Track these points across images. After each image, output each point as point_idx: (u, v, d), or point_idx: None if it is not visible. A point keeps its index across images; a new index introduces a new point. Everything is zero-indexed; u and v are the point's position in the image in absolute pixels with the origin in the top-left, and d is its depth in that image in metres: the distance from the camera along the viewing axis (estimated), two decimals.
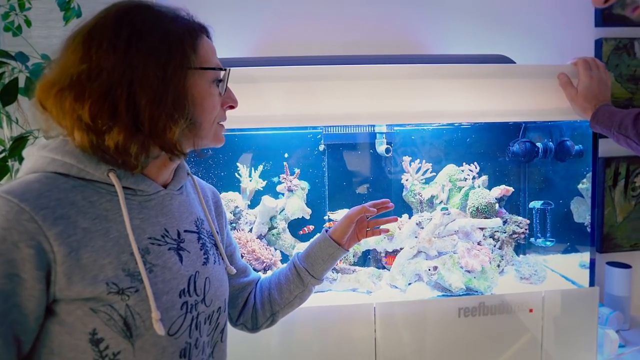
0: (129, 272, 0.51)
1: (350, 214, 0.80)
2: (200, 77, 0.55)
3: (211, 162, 1.38)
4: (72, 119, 0.50)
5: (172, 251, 0.57)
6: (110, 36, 0.50)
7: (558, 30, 1.43)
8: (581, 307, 1.11)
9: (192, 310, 0.57)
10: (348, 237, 0.80)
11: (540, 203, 1.24)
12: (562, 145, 1.20)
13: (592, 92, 0.95)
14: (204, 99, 0.56)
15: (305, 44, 1.41)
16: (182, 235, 0.59)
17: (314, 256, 0.78)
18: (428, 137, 1.36)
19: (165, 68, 0.51)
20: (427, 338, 1.09)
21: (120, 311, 0.49)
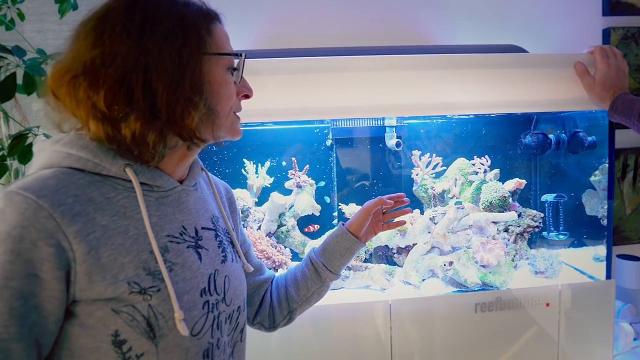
0: (150, 271, 0.49)
1: (367, 206, 0.78)
2: (216, 63, 0.54)
3: (215, 159, 1.35)
4: (87, 107, 0.48)
5: (191, 249, 0.55)
6: (123, 20, 0.49)
7: (565, 19, 1.42)
8: (597, 301, 1.11)
9: (213, 309, 0.55)
10: (365, 230, 0.78)
11: (553, 196, 1.23)
12: (575, 136, 1.19)
13: (610, 80, 0.94)
14: (220, 86, 0.54)
15: (311, 35, 1.37)
16: (200, 233, 0.58)
17: (331, 250, 0.76)
18: (438, 130, 1.34)
19: (181, 52, 0.49)
20: (445, 334, 1.08)
21: (143, 311, 0.48)
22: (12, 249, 0.42)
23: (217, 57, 0.53)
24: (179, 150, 0.55)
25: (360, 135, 1.33)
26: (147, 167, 0.52)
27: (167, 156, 0.54)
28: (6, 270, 0.42)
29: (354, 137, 1.33)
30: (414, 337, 1.07)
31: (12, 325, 0.42)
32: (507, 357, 1.09)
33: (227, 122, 0.56)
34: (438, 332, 1.08)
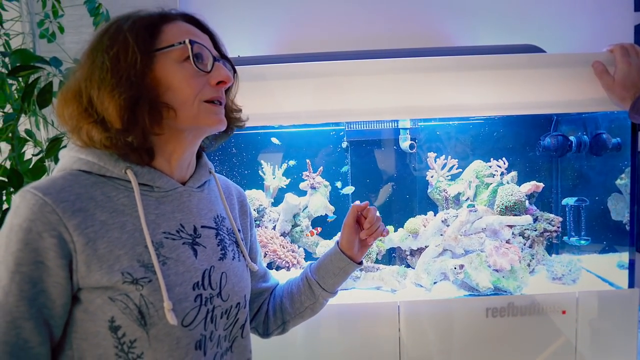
0: (143, 264, 0.52)
1: (346, 221, 0.74)
2: (163, 59, 0.54)
3: (235, 161, 1.38)
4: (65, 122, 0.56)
5: (187, 246, 0.57)
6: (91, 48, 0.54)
7: (593, 16, 1.33)
8: (619, 310, 1.04)
9: (207, 303, 0.57)
10: (356, 246, 0.73)
11: (574, 200, 1.17)
12: (597, 138, 1.12)
13: (631, 80, 0.88)
14: (172, 80, 0.54)
15: (328, 39, 1.38)
16: (199, 231, 0.60)
17: (324, 269, 0.74)
18: (454, 132, 1.31)
19: (116, 58, 0.52)
20: (454, 338, 1.05)
21: (135, 300, 0.51)
22: (22, 239, 0.48)
23: (163, 53, 0.54)
24: (165, 148, 0.57)
25: (375, 137, 1.32)
26: (146, 168, 0.56)
27: (158, 154, 0.57)
28: (17, 257, 0.48)
29: (368, 140, 1.32)
30: (423, 339, 1.05)
31: (22, 305, 0.48)
32: None
33: (192, 112, 0.56)
34: (447, 335, 1.05)
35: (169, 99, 0.54)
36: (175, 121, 0.55)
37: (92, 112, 0.53)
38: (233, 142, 1.38)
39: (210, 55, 0.57)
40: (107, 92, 0.51)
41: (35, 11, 1.27)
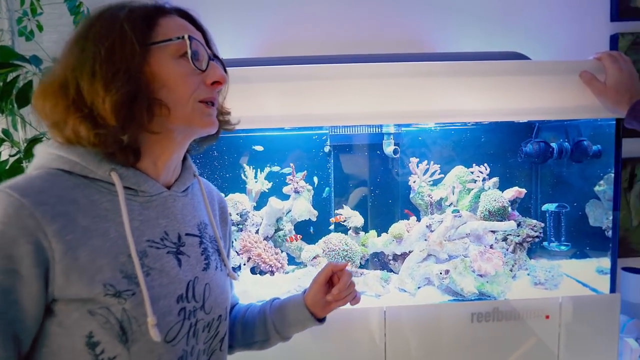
0: (127, 274, 0.48)
1: (316, 277, 0.69)
2: (159, 53, 0.50)
3: (216, 164, 1.34)
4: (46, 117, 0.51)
5: (171, 255, 0.53)
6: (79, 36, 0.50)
7: (571, 25, 1.35)
8: (601, 315, 1.03)
9: (190, 316, 0.53)
10: (321, 303, 0.68)
11: (555, 206, 1.16)
12: (579, 145, 1.12)
13: (624, 84, 0.88)
14: (168, 76, 0.50)
15: (312, 43, 1.35)
16: (183, 239, 0.56)
17: (284, 314, 0.69)
18: (436, 137, 1.29)
19: (112, 48, 0.48)
20: (439, 343, 1.02)
21: (117, 314, 0.47)
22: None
23: (160, 47, 0.50)
24: (152, 148, 0.53)
25: (358, 142, 1.29)
26: (132, 170, 0.51)
27: (145, 156, 0.52)
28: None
29: (352, 144, 1.30)
30: (409, 344, 1.02)
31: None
32: None
33: (186, 112, 0.52)
34: (433, 340, 1.02)
35: (163, 96, 0.50)
36: (167, 120, 0.51)
37: (80, 106, 0.48)
38: (214, 145, 1.33)
39: (205, 54, 0.54)
40: (102, 86, 0.47)
41: (15, 8, 1.21)
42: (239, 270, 1.18)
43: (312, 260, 1.13)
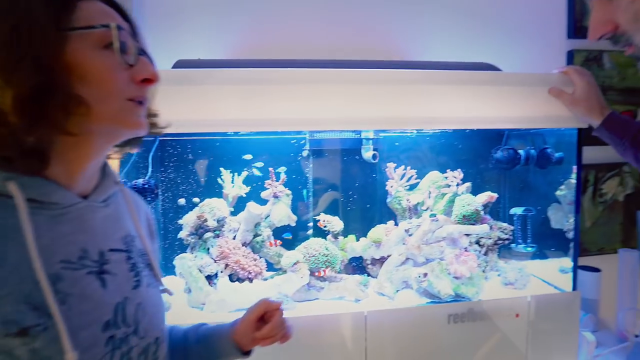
0: (35, 306, 0.39)
1: (247, 313, 0.66)
2: (79, 41, 0.43)
3: (191, 168, 1.29)
4: None
5: (92, 275, 0.46)
6: None
7: (533, 40, 1.45)
8: (564, 311, 1.11)
9: (121, 345, 0.47)
10: (249, 338, 0.65)
11: (522, 209, 1.24)
12: (543, 152, 1.20)
13: (594, 96, 0.94)
14: (90, 68, 0.43)
15: (289, 47, 1.34)
16: (107, 256, 0.49)
17: (208, 344, 0.66)
18: (412, 143, 1.33)
19: (17, 29, 0.39)
20: (418, 345, 1.05)
21: (23, 358, 0.38)
22: None
23: (81, 34, 0.43)
24: (66, 153, 0.45)
25: (337, 146, 1.30)
26: (37, 179, 0.44)
27: (55, 162, 0.44)
28: None
29: (330, 149, 1.30)
30: (389, 348, 1.04)
31: None
32: None
33: (112, 110, 0.46)
34: (412, 343, 1.05)
35: (83, 91, 0.43)
36: (87, 119, 0.43)
37: None
38: (189, 148, 1.29)
39: (134, 47, 0.47)
40: (3, 75, 0.39)
41: None
42: (215, 278, 1.15)
43: (292, 266, 1.11)
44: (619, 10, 0.56)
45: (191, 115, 0.91)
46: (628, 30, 0.57)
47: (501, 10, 1.43)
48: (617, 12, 0.56)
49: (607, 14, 0.58)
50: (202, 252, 1.19)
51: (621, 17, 0.56)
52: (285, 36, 1.35)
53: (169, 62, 1.05)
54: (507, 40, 1.43)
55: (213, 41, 1.31)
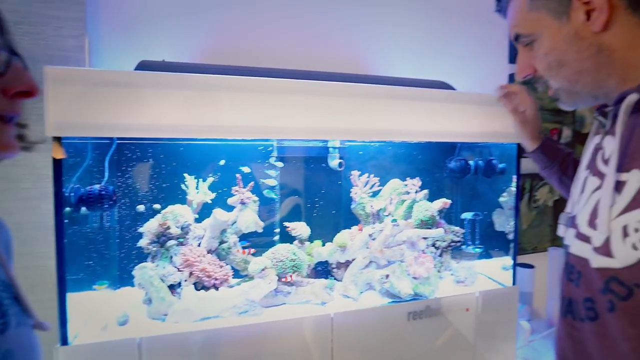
0: None
1: None
2: None
3: (151, 173, 1.27)
4: None
5: None
6: None
7: (480, 63, 1.62)
8: (506, 304, 1.27)
9: None
10: None
11: (471, 214, 1.39)
12: (489, 163, 1.36)
13: (539, 119, 1.03)
14: None
15: (254, 53, 1.39)
16: None
17: None
18: (375, 152, 1.43)
19: None
20: (381, 342, 1.14)
21: None
22: None
23: None
24: None
25: (305, 154, 1.36)
26: None
27: None
28: None
29: (298, 156, 1.36)
30: (354, 347, 1.12)
31: None
32: (437, 356, 1.19)
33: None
34: (375, 340, 1.14)
35: None
36: None
37: None
38: (150, 152, 1.27)
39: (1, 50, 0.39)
40: None
41: None
42: (178, 287, 1.14)
43: (261, 272, 1.15)
44: (536, 58, 0.63)
45: (152, 120, 0.91)
46: (544, 76, 0.65)
47: (455, 35, 1.59)
48: (535, 60, 0.64)
49: (528, 59, 0.65)
50: (164, 261, 1.18)
51: (538, 65, 0.64)
52: (250, 42, 1.39)
53: (132, 63, 1.05)
54: (459, 62, 1.59)
55: (179, 44, 1.31)
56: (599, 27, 0.54)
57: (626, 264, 0.50)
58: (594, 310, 0.56)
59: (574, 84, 0.60)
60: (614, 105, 0.57)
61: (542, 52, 0.61)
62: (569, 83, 0.61)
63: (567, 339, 0.62)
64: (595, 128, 0.66)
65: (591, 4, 0.53)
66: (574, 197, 0.66)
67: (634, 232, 0.49)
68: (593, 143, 0.65)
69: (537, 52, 0.62)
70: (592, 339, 0.57)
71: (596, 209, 0.56)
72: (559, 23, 0.58)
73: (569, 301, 0.62)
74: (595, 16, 0.54)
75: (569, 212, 0.66)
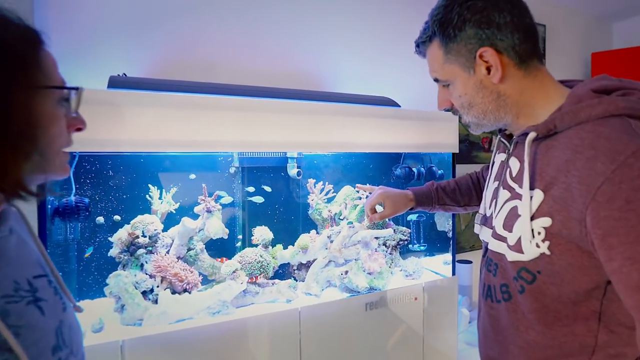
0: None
1: None
2: (45, 98, 0.48)
3: (111, 184, 1.35)
4: None
5: (32, 305, 0.49)
6: None
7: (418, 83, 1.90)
8: (448, 292, 1.52)
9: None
10: None
11: (416, 215, 1.63)
12: (430, 170, 1.62)
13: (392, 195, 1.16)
14: (51, 124, 0.48)
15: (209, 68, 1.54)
16: (34, 283, 0.51)
17: None
18: (329, 161, 1.63)
19: (6, 89, 0.43)
20: (343, 330, 1.33)
21: None
22: None
23: (48, 90, 0.48)
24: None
25: (265, 164, 1.52)
26: None
27: None
28: None
29: (259, 166, 1.52)
30: (319, 336, 1.29)
31: None
32: (390, 341, 1.40)
33: (57, 163, 0.51)
34: (338, 329, 1.33)
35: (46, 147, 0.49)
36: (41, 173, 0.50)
37: None
38: (110, 164, 1.35)
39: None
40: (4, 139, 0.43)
41: None
42: (150, 293, 1.24)
43: (232, 274, 1.29)
44: (452, 96, 0.78)
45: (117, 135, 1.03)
46: (458, 111, 0.81)
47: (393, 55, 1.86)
48: (451, 97, 0.78)
49: (446, 95, 0.79)
50: (134, 269, 1.27)
51: (454, 102, 0.78)
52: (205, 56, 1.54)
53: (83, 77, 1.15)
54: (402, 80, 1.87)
55: (134, 57, 1.42)
56: (497, 80, 0.70)
57: (531, 258, 0.67)
58: (508, 293, 0.74)
59: (481, 120, 0.76)
60: (518, 137, 0.74)
61: (457, 94, 0.76)
62: (477, 119, 0.77)
63: (487, 317, 0.81)
64: (500, 147, 0.86)
65: (488, 62, 0.70)
66: (486, 200, 0.85)
67: (537, 234, 0.66)
68: (499, 159, 0.84)
69: (452, 92, 0.77)
70: (506, 315, 0.75)
71: (510, 215, 0.72)
72: (467, 74, 0.73)
73: (489, 287, 0.80)
74: (493, 72, 0.70)
75: (482, 213, 0.87)
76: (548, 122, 0.67)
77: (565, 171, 0.62)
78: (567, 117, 0.65)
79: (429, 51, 0.77)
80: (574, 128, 0.64)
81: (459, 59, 0.72)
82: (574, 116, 0.64)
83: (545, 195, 0.65)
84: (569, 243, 0.63)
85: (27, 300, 0.48)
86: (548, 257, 0.65)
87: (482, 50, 0.69)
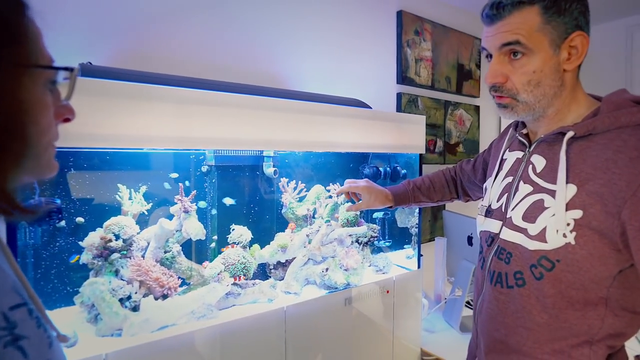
0: None
1: None
2: (34, 80, 0.41)
3: (74, 184, 1.31)
4: None
5: (10, 347, 0.41)
6: None
7: (376, 82, 2.11)
8: (414, 284, 1.73)
9: None
10: None
11: (382, 213, 1.82)
12: (394, 169, 1.82)
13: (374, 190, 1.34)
14: (40, 114, 0.41)
15: (177, 60, 1.55)
16: (11, 317, 0.42)
17: None
18: (301, 160, 1.74)
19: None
20: (325, 325, 1.46)
21: None
22: None
23: (37, 70, 0.41)
24: None
25: (241, 162, 1.58)
26: None
27: None
28: None
29: (234, 165, 1.57)
30: (304, 333, 1.40)
31: None
32: (367, 332, 1.56)
33: (45, 159, 0.45)
34: (320, 324, 1.45)
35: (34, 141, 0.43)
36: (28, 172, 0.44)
37: None
38: (71, 161, 1.31)
39: None
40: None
41: None
42: (127, 301, 1.24)
43: (217, 276, 1.33)
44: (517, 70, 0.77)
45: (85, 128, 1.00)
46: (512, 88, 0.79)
47: (355, 58, 2.04)
48: (513, 71, 0.78)
49: (503, 68, 0.79)
50: (109, 275, 1.25)
51: (517, 77, 0.78)
52: (173, 49, 1.55)
53: None
54: (362, 80, 2.05)
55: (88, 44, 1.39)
56: (572, 67, 0.75)
57: (554, 247, 0.75)
58: (522, 279, 0.81)
59: (537, 103, 0.79)
60: (547, 135, 0.80)
61: (530, 68, 0.76)
62: (534, 99, 0.79)
63: (495, 302, 0.87)
64: (515, 144, 0.93)
65: (575, 47, 0.75)
66: (492, 194, 0.94)
67: (567, 225, 0.73)
68: (514, 156, 0.91)
69: (524, 65, 0.77)
70: (519, 300, 0.82)
71: (532, 207, 0.79)
72: (552, 52, 0.76)
73: (499, 274, 0.87)
74: (574, 59, 0.75)
75: (486, 205, 0.96)
76: (587, 124, 0.75)
77: (605, 168, 0.70)
78: (608, 121, 0.73)
79: (522, 13, 0.76)
80: (613, 131, 0.72)
81: (552, 34, 0.75)
82: (614, 120, 0.72)
83: (578, 189, 0.73)
84: (594, 234, 0.72)
85: (5, 342, 0.40)
86: (572, 246, 0.74)
87: (578, 33, 0.75)
